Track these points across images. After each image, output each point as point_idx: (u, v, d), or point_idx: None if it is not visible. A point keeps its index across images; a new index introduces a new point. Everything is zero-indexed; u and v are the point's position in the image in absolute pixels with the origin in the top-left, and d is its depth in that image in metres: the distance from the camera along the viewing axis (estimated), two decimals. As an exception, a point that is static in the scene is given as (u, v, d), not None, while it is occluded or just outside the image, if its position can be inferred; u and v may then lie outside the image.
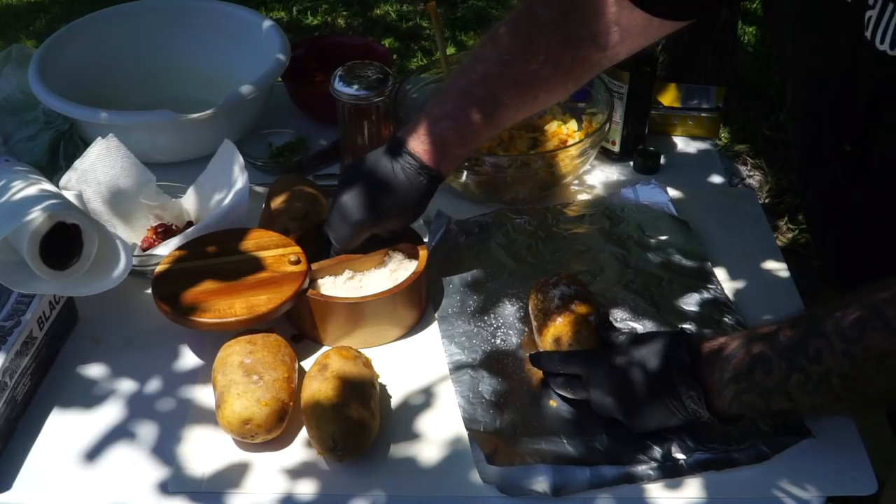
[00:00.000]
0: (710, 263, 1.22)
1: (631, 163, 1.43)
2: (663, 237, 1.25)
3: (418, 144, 1.08)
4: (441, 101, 1.09)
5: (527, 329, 1.12)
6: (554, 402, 1.03)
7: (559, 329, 1.03)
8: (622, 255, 1.23)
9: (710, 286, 1.18)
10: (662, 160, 1.42)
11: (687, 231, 1.26)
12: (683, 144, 1.49)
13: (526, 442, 0.98)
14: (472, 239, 1.26)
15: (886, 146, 0.90)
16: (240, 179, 1.19)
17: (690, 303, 1.15)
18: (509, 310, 1.15)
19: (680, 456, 0.97)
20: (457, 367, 1.08)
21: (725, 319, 1.13)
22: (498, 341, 1.11)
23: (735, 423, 0.94)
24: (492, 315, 1.15)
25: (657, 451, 0.97)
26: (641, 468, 0.96)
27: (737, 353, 0.88)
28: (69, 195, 1.14)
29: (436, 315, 1.16)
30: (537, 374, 1.06)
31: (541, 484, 0.95)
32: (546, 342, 1.05)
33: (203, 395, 1.06)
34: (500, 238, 1.26)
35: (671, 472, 0.96)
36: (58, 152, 1.40)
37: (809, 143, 1.07)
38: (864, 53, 0.86)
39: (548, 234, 1.27)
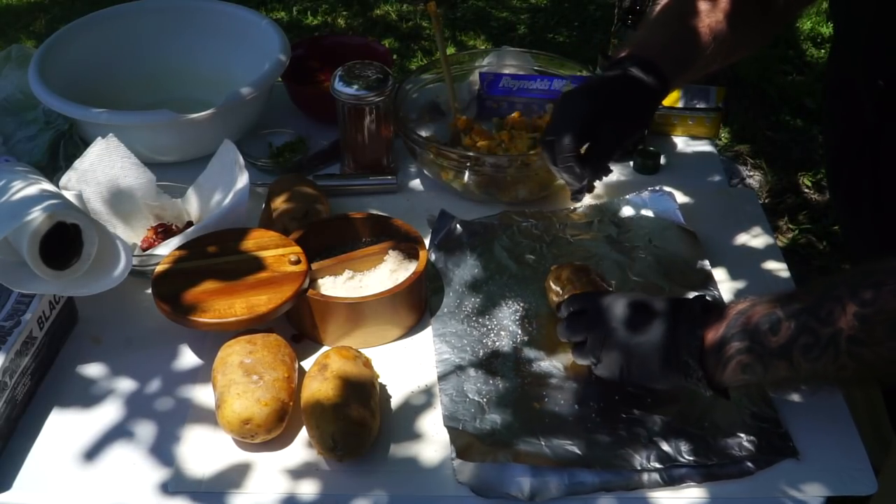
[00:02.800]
0: (714, 279, 1.19)
1: (631, 163, 1.43)
2: (671, 248, 1.24)
3: (641, 50, 1.11)
4: (650, 23, 1.16)
5: (520, 331, 1.12)
6: (538, 405, 1.03)
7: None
8: (626, 264, 1.22)
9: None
10: (662, 160, 1.42)
11: (694, 242, 1.24)
12: (683, 144, 1.49)
13: (502, 442, 0.98)
14: (475, 239, 1.26)
15: None
16: (240, 179, 1.19)
17: None
18: (505, 312, 1.15)
19: (658, 465, 0.96)
20: (445, 365, 1.08)
21: None
22: (489, 342, 1.11)
23: (725, 395, 0.93)
24: (486, 316, 1.15)
25: (637, 460, 0.96)
26: (618, 479, 0.95)
27: (748, 312, 0.87)
28: (69, 195, 1.14)
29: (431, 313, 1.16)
30: (526, 375, 1.06)
31: (516, 487, 0.94)
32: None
33: (203, 395, 1.06)
34: (504, 241, 1.26)
35: (650, 484, 0.95)
36: (58, 152, 1.40)
37: (842, 80, 1.06)
38: None
39: (553, 239, 1.26)
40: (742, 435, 0.98)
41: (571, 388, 1.04)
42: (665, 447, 0.97)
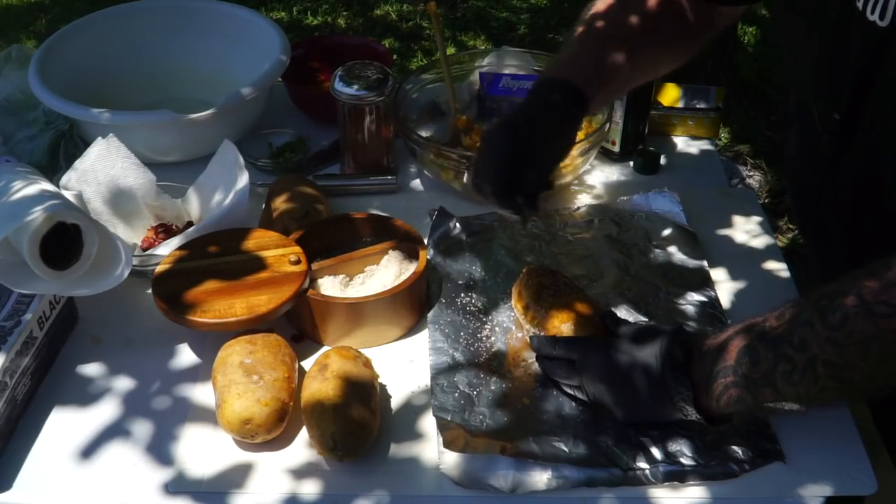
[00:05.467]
0: (712, 279, 1.20)
1: (631, 163, 1.43)
2: (670, 248, 1.24)
3: (557, 72, 1.09)
4: (568, 44, 1.14)
5: (514, 327, 1.12)
6: (528, 401, 1.03)
7: (564, 318, 1.04)
8: (624, 263, 1.22)
9: (705, 301, 1.16)
10: (662, 160, 1.42)
11: (694, 243, 1.25)
12: (683, 144, 1.49)
13: (489, 435, 0.98)
14: (475, 238, 1.26)
15: (873, 118, 0.90)
16: (240, 179, 1.19)
17: (683, 316, 1.14)
18: (501, 308, 1.15)
19: (643, 465, 0.96)
20: (438, 354, 1.08)
21: None
22: (483, 337, 1.11)
23: (724, 424, 0.94)
24: (482, 310, 1.15)
25: (623, 460, 0.96)
26: (602, 474, 0.95)
27: (727, 347, 0.89)
28: (69, 195, 1.14)
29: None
30: (517, 370, 1.06)
31: (499, 479, 0.94)
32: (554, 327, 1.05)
33: (203, 395, 1.06)
34: (504, 240, 1.26)
35: (633, 481, 0.95)
36: (58, 152, 1.40)
37: (798, 115, 1.07)
38: (854, 24, 0.87)
39: (552, 238, 1.27)
40: (730, 437, 0.98)
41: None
42: (652, 448, 0.97)
